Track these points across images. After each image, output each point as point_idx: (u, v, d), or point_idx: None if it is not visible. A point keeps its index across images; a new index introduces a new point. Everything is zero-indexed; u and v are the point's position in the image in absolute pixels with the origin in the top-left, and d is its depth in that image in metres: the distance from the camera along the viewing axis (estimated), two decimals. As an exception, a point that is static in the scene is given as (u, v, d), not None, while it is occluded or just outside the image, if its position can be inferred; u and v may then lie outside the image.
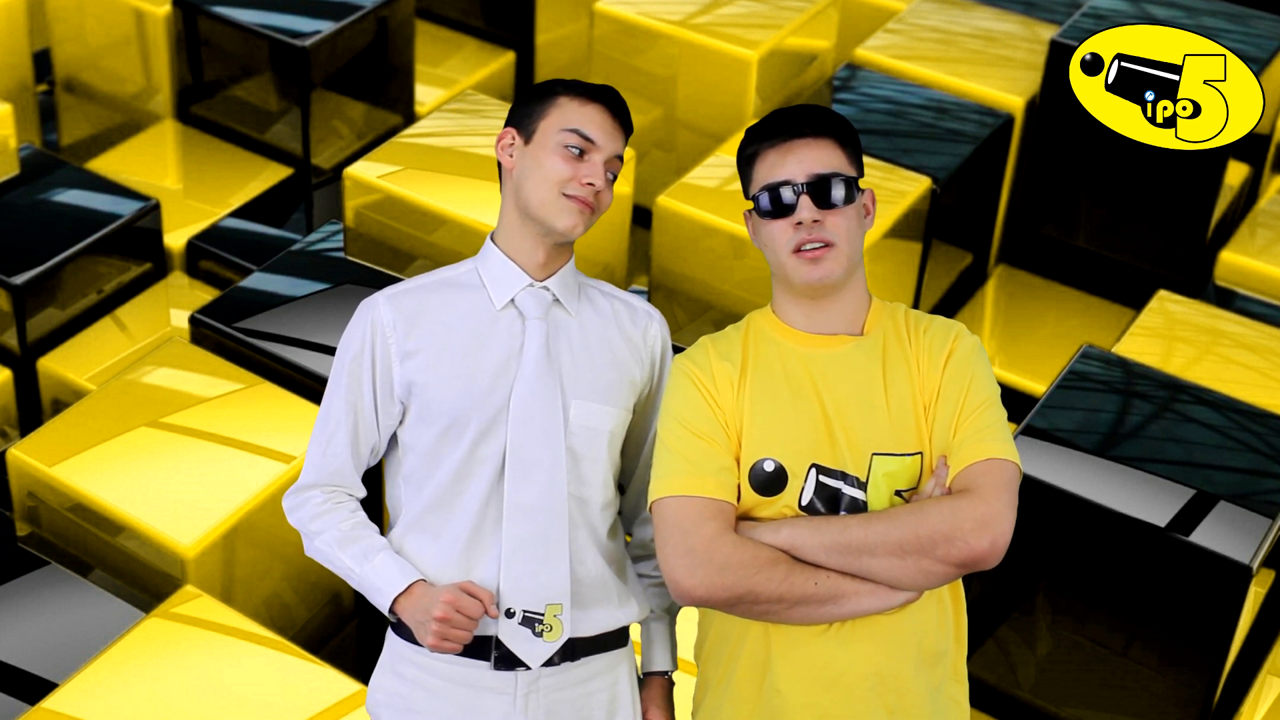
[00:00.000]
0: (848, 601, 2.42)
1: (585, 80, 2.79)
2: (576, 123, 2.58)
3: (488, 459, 2.58)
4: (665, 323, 2.73)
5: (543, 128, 2.60)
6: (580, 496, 2.62)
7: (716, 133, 5.19)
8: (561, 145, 2.57)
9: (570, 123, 2.58)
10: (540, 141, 2.59)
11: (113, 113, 5.64)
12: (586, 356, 2.63)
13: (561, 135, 2.58)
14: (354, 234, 4.72)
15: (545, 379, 2.58)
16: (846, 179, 2.52)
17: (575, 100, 2.60)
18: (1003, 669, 3.95)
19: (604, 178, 2.58)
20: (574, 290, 2.67)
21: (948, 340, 2.53)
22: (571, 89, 2.62)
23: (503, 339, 2.60)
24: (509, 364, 2.58)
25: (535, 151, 2.59)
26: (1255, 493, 3.68)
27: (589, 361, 2.63)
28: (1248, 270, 4.94)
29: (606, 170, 2.59)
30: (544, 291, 2.63)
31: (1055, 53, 4.95)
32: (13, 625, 3.69)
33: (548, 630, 2.59)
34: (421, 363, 2.59)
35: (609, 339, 2.66)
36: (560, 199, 2.57)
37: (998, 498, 2.40)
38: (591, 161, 2.58)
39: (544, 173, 2.57)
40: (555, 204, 2.57)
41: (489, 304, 2.62)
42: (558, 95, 2.62)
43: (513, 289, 2.62)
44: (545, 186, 2.57)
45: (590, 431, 2.61)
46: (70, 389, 4.56)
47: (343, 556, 2.63)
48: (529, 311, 2.61)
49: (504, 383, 2.58)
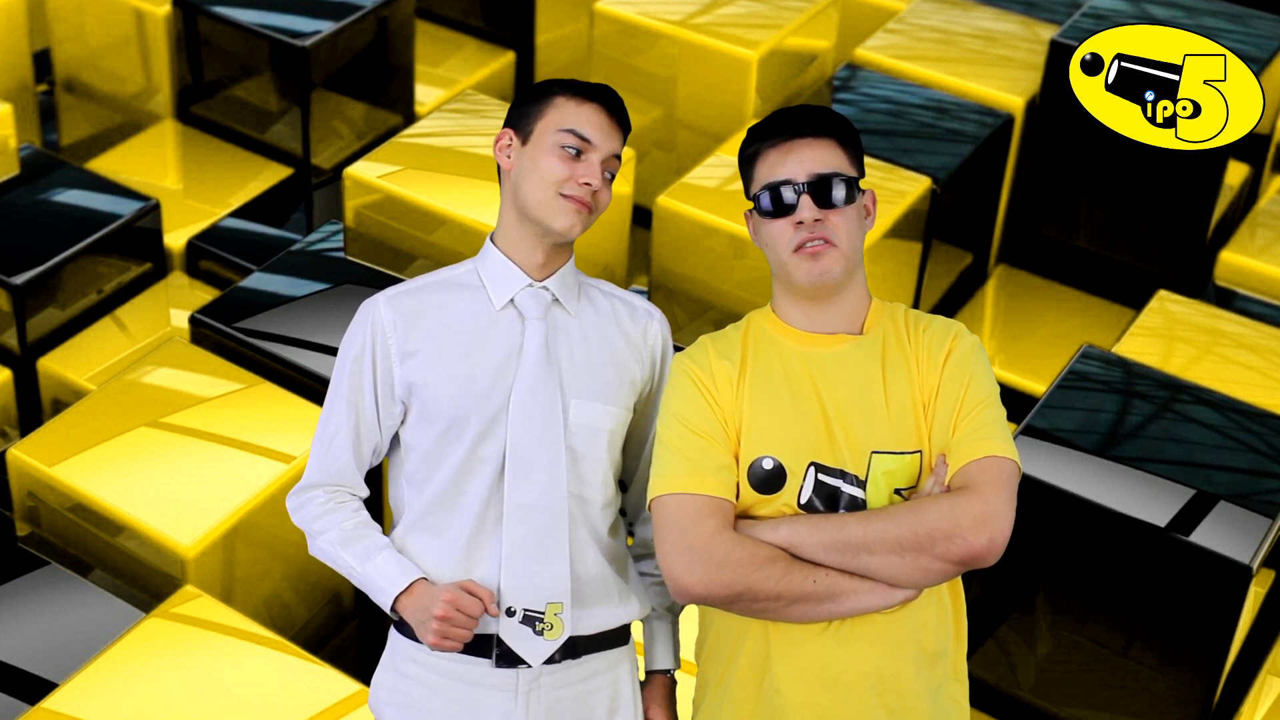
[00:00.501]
0: (847, 600, 2.42)
1: (585, 80, 2.79)
2: (573, 123, 2.58)
3: (488, 459, 2.58)
4: (666, 321, 2.73)
5: (539, 128, 2.60)
6: (580, 495, 2.62)
7: (716, 133, 5.19)
8: (558, 146, 2.57)
9: (567, 123, 2.58)
10: (537, 142, 2.59)
11: (113, 113, 5.64)
12: (586, 356, 2.63)
13: (558, 136, 2.57)
14: (354, 234, 4.71)
15: (545, 379, 2.58)
16: (847, 179, 2.52)
17: (572, 100, 2.60)
18: (1003, 669, 3.95)
19: (601, 177, 2.58)
20: (574, 290, 2.67)
21: (947, 339, 2.53)
22: (568, 89, 2.62)
23: (502, 339, 2.60)
24: (508, 364, 2.59)
25: (532, 152, 2.59)
26: (1255, 493, 3.68)
27: (588, 361, 2.63)
28: (1248, 270, 4.94)
29: (604, 169, 2.59)
30: (543, 291, 2.63)
31: (1055, 53, 4.94)
32: (13, 625, 3.68)
33: (548, 629, 2.59)
34: (421, 363, 2.59)
35: (609, 338, 2.66)
36: (557, 199, 2.57)
37: (996, 495, 2.40)
38: (588, 161, 2.58)
39: (541, 173, 2.57)
40: (552, 204, 2.57)
41: (488, 304, 2.62)
42: (554, 95, 2.61)
43: (512, 289, 2.62)
44: (542, 187, 2.57)
45: (590, 431, 2.62)
46: (70, 389, 4.56)
47: (345, 555, 2.63)
48: (528, 311, 2.61)
49: (503, 383, 2.58)
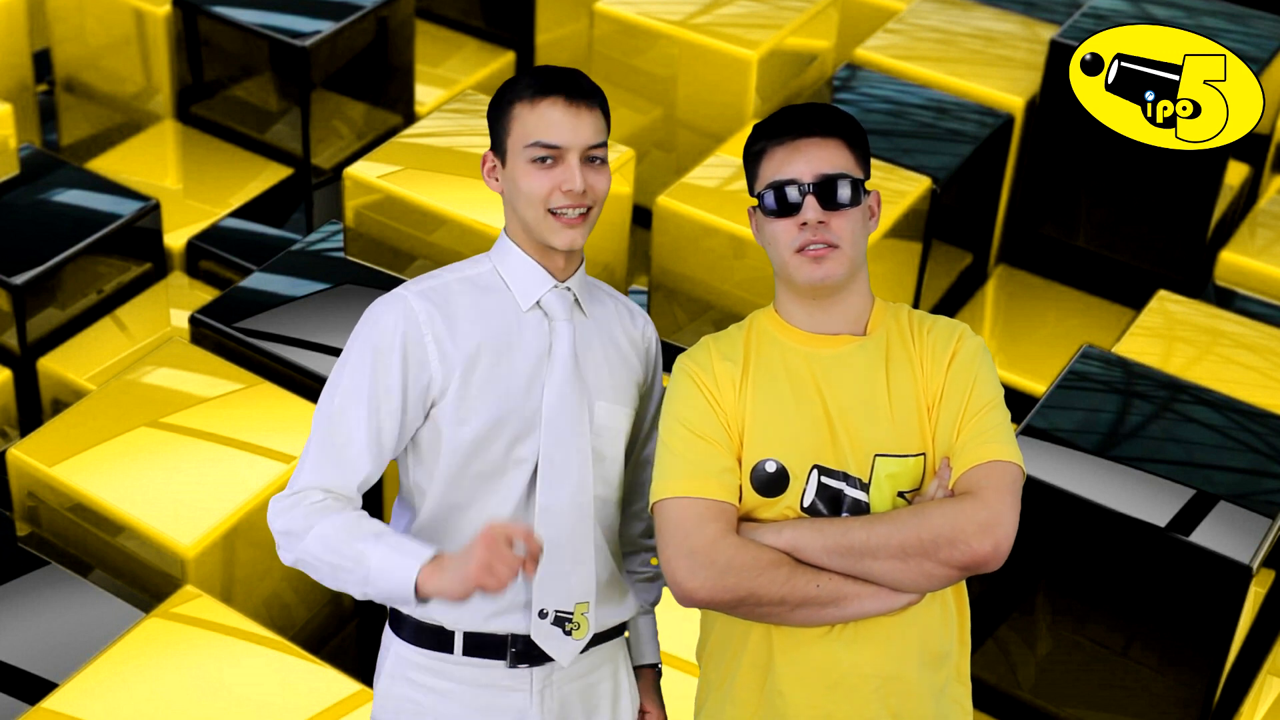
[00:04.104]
0: (850, 604, 2.41)
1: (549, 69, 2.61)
2: (535, 133, 2.49)
3: (522, 461, 2.54)
4: (651, 321, 2.74)
5: (509, 146, 2.53)
6: (602, 497, 2.62)
7: (716, 133, 5.19)
8: (529, 161, 2.50)
9: (529, 135, 2.49)
10: (512, 162, 2.52)
11: (113, 113, 5.64)
12: (603, 357, 2.62)
13: (526, 152, 2.50)
14: (354, 234, 4.71)
15: (573, 381, 2.56)
16: (853, 180, 2.50)
17: (528, 105, 2.50)
18: (1003, 669, 3.95)
19: (581, 179, 2.49)
20: (588, 291, 2.65)
21: (951, 341, 2.52)
22: (522, 92, 2.52)
23: (531, 341, 2.56)
24: (539, 366, 2.55)
25: (511, 173, 2.53)
26: (1255, 493, 3.68)
27: (605, 362, 2.62)
28: (1248, 270, 4.94)
29: (586, 158, 2.51)
30: (567, 292, 2.59)
31: (1055, 53, 4.94)
32: (13, 625, 3.68)
33: (576, 628, 2.59)
34: (458, 363, 2.51)
35: (617, 340, 2.66)
36: (548, 218, 2.51)
37: (1000, 500, 2.39)
38: (565, 164, 2.50)
39: (524, 194, 2.51)
40: (545, 223, 2.51)
41: (515, 305, 2.57)
42: (511, 105, 2.52)
43: (539, 290, 2.57)
44: (531, 206, 2.51)
45: (611, 432, 2.61)
46: (70, 389, 4.56)
47: (353, 542, 2.41)
48: (555, 313, 2.57)
49: (537, 385, 2.54)
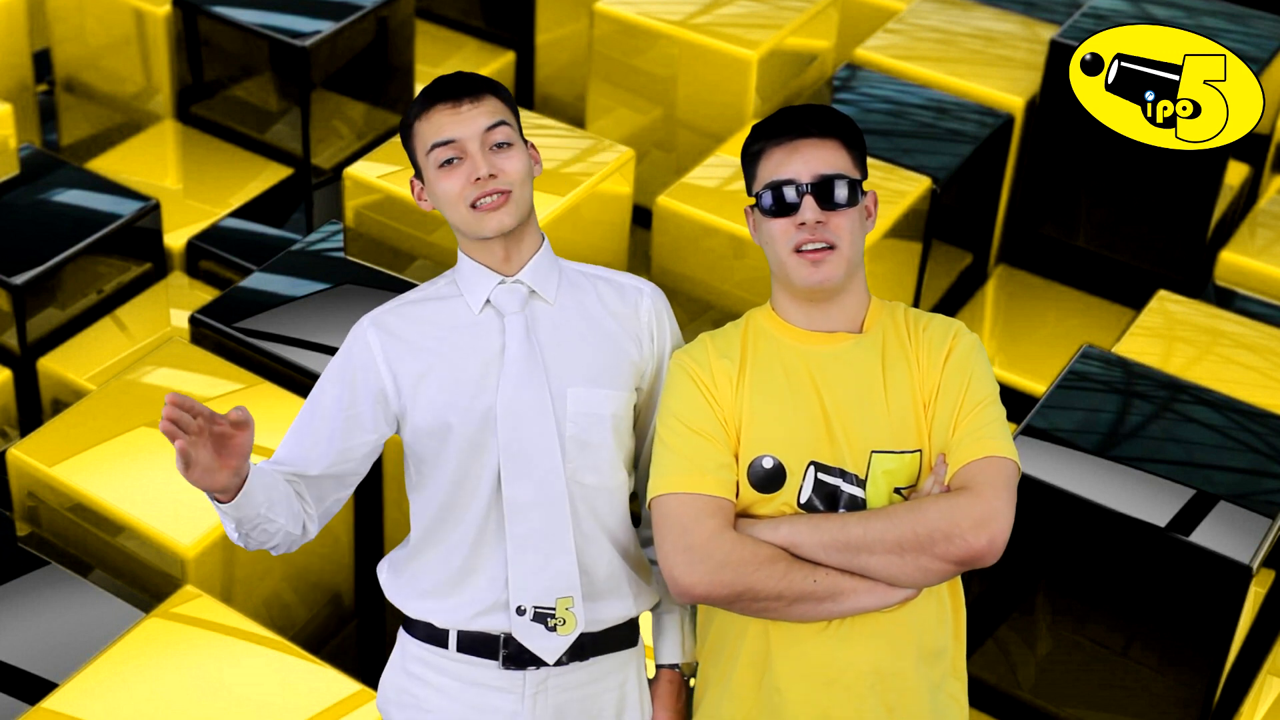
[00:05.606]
0: (847, 599, 2.42)
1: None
2: (430, 137, 2.58)
3: (488, 461, 2.58)
4: (660, 293, 2.71)
5: (419, 162, 2.62)
6: (587, 484, 2.61)
7: (716, 133, 5.19)
8: (437, 167, 2.58)
9: (426, 141, 2.59)
10: (428, 176, 2.61)
11: (113, 113, 5.64)
12: (576, 342, 2.62)
13: (429, 158, 2.58)
14: (354, 234, 4.71)
15: (531, 372, 2.57)
16: (850, 180, 2.51)
17: (423, 119, 2.60)
18: (1003, 669, 3.95)
19: (485, 165, 2.55)
20: (552, 278, 2.66)
21: (947, 338, 2.53)
22: (415, 110, 2.62)
23: (485, 340, 2.60)
24: (494, 363, 2.58)
25: (429, 185, 2.61)
26: (1255, 493, 3.68)
27: (578, 347, 2.62)
28: (1248, 270, 4.94)
29: (491, 145, 2.57)
30: (518, 285, 2.62)
31: (1055, 53, 4.94)
32: (13, 625, 3.68)
33: (560, 624, 2.59)
34: (406, 381, 2.59)
35: (597, 321, 2.65)
36: (470, 213, 2.57)
37: (996, 495, 2.40)
38: (468, 155, 2.57)
39: (443, 199, 2.59)
40: (470, 219, 2.58)
41: (468, 310, 2.62)
42: (410, 126, 2.62)
43: (486, 289, 2.62)
44: (454, 209, 2.58)
45: (591, 417, 2.60)
46: (70, 389, 4.56)
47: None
48: (505, 307, 2.60)
49: (491, 383, 2.57)
